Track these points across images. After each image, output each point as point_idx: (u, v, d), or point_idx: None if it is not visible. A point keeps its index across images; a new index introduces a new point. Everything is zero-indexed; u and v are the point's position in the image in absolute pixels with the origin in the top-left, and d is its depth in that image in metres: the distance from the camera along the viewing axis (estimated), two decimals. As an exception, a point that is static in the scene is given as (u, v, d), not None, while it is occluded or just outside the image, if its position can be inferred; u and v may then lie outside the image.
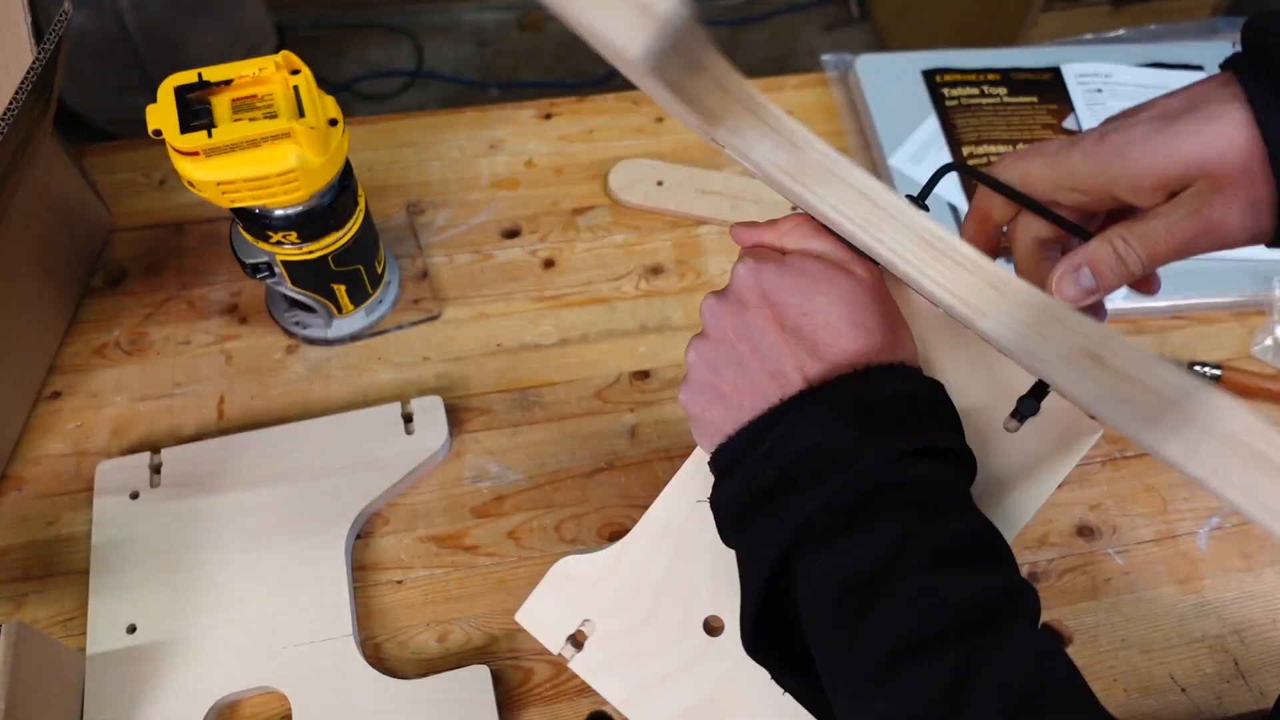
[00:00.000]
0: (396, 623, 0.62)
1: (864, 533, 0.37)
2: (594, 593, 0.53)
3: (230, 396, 0.70)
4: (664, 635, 0.51)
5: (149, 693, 0.57)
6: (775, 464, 0.40)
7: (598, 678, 0.53)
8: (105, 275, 0.76)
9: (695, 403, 0.44)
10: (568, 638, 0.53)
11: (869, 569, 0.37)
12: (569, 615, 0.53)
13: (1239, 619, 0.64)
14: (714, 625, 0.51)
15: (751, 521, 0.41)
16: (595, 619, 0.53)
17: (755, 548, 0.41)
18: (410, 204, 0.81)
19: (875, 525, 0.37)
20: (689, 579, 0.51)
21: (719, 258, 0.79)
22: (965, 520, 0.39)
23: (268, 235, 0.62)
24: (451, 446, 0.68)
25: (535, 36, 2.04)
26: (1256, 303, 0.77)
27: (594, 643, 0.53)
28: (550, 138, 0.86)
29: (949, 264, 0.36)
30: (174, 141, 0.56)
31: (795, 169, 0.37)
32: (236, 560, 0.61)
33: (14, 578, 0.62)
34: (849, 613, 0.37)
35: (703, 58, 0.33)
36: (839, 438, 0.39)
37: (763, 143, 0.37)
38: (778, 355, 0.41)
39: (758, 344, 0.41)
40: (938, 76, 0.88)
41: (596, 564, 0.53)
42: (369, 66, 1.98)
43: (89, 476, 0.65)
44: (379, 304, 0.74)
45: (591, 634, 0.53)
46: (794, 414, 0.40)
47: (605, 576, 0.53)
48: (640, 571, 0.52)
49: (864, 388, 0.40)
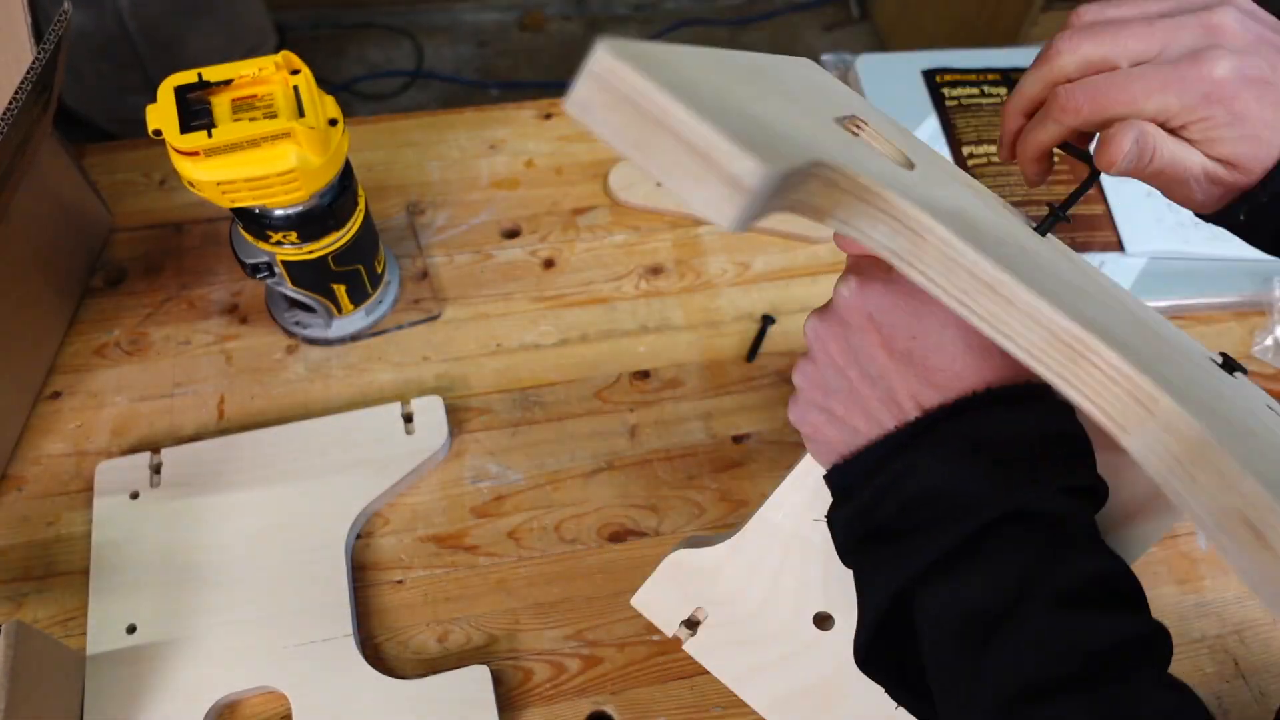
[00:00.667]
0: (396, 623, 0.62)
1: (987, 567, 0.36)
2: (706, 584, 0.53)
3: (230, 396, 0.70)
4: (773, 628, 0.52)
5: (149, 693, 0.57)
6: (894, 500, 0.38)
7: (710, 659, 0.54)
8: (105, 275, 0.76)
9: (806, 422, 0.43)
10: (682, 621, 0.54)
11: (991, 605, 0.35)
12: (682, 602, 0.54)
13: (1239, 619, 0.64)
14: (824, 620, 0.51)
15: (869, 554, 0.40)
16: (707, 607, 0.54)
17: (871, 581, 0.40)
18: (410, 204, 0.81)
19: (998, 560, 0.36)
20: (799, 578, 0.51)
21: (719, 258, 0.79)
22: (1095, 559, 0.37)
23: (268, 235, 0.62)
24: (451, 446, 0.68)
25: (535, 36, 2.04)
26: (1256, 303, 0.77)
27: (706, 627, 0.54)
28: (550, 138, 0.86)
29: (1089, 369, 0.32)
30: (174, 141, 0.56)
31: (913, 255, 0.34)
32: (236, 560, 0.61)
33: (14, 578, 0.62)
34: (970, 647, 0.35)
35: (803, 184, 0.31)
36: (962, 481, 0.37)
37: (877, 229, 0.34)
38: (888, 382, 0.39)
39: (866, 369, 0.39)
40: (938, 76, 0.88)
41: (709, 558, 0.53)
42: (369, 66, 1.98)
43: (89, 476, 0.65)
44: (379, 304, 0.74)
45: (704, 620, 0.54)
46: (912, 449, 0.38)
47: (717, 570, 0.53)
48: (751, 569, 0.52)
49: (987, 423, 0.37)
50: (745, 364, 0.74)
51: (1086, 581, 0.35)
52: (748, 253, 0.80)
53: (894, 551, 0.38)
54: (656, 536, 0.66)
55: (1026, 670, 0.34)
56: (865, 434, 0.40)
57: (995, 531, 0.36)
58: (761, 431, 0.70)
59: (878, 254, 0.34)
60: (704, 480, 0.68)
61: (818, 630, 0.51)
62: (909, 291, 0.38)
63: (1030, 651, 0.34)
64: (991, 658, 0.35)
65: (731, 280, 0.78)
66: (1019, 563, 0.35)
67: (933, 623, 0.37)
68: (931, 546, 0.37)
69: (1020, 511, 0.36)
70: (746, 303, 0.77)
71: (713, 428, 0.70)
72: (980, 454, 0.37)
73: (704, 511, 0.67)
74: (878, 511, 0.39)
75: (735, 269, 0.79)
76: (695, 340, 0.75)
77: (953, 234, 0.33)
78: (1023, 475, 0.36)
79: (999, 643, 0.35)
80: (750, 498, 0.67)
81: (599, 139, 0.30)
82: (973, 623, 0.35)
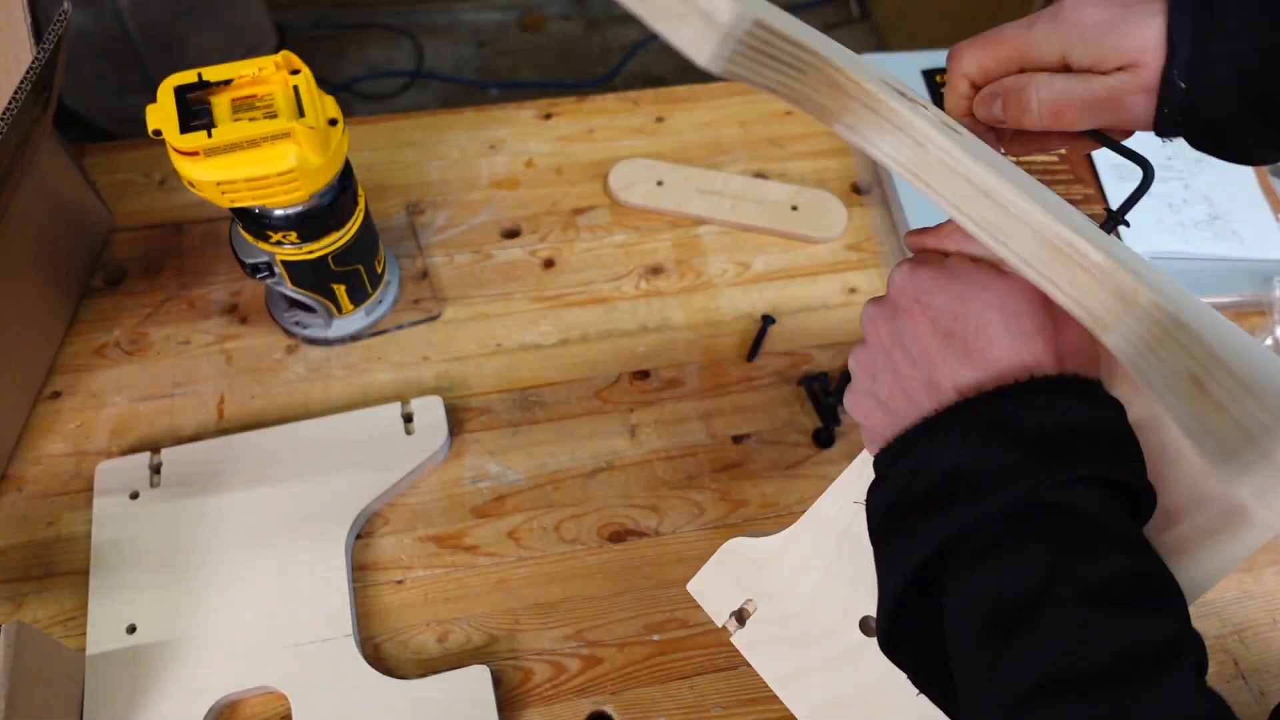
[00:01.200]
0: (396, 623, 0.62)
1: (1014, 557, 0.36)
2: (759, 575, 0.53)
3: (230, 396, 0.70)
4: (820, 627, 0.51)
5: (149, 693, 0.57)
6: (925, 478, 0.38)
7: (755, 655, 0.53)
8: (105, 275, 0.76)
9: (858, 409, 0.43)
10: (732, 613, 0.54)
11: (1016, 595, 0.35)
12: (735, 592, 0.54)
13: (1239, 619, 0.64)
14: (870, 626, 0.50)
15: (893, 531, 0.40)
16: (757, 600, 0.54)
17: (891, 559, 0.40)
18: (410, 204, 0.81)
19: (1026, 550, 0.36)
20: (850, 577, 0.51)
21: (719, 257, 0.79)
22: (1128, 558, 0.36)
23: (268, 235, 0.62)
24: (451, 446, 0.68)
25: (535, 36, 2.04)
26: (1256, 302, 0.77)
27: (754, 621, 0.53)
28: (550, 138, 0.86)
29: (1078, 272, 0.34)
30: (174, 141, 0.56)
31: (917, 166, 0.36)
32: (236, 560, 0.61)
33: (14, 578, 0.62)
34: (992, 637, 0.35)
35: (801, 58, 0.33)
36: (994, 459, 0.37)
37: (884, 139, 0.36)
38: (930, 362, 0.39)
39: (911, 350, 0.40)
40: (938, 76, 0.88)
41: (764, 548, 0.53)
42: (369, 66, 1.98)
43: (89, 476, 0.65)
44: (379, 304, 0.74)
45: (753, 613, 0.54)
46: (946, 429, 0.38)
47: (771, 561, 0.53)
48: (804, 562, 0.52)
49: (1025, 407, 0.37)
50: (745, 364, 0.74)
51: (1117, 578, 0.35)
52: (748, 253, 0.80)
53: (919, 524, 0.38)
54: (656, 536, 0.66)
55: (1048, 664, 0.33)
56: (905, 418, 0.40)
57: (1025, 522, 0.36)
58: (761, 431, 0.70)
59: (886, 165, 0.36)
60: (704, 480, 0.68)
61: (863, 636, 0.50)
62: (956, 276, 0.39)
63: (1052, 646, 0.34)
64: (1012, 650, 0.34)
65: (731, 280, 0.78)
66: (1047, 554, 0.35)
67: (957, 611, 0.37)
68: (958, 518, 0.37)
69: (1053, 505, 0.36)
70: (746, 303, 0.77)
71: (713, 428, 0.70)
72: (1015, 435, 0.37)
73: (704, 511, 0.67)
74: (909, 490, 0.39)
75: (735, 269, 0.79)
76: (695, 340, 0.75)
77: (952, 144, 0.35)
78: (1058, 459, 0.36)
79: (1021, 635, 0.34)
80: (750, 498, 0.67)
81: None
82: (996, 613, 0.35)
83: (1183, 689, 0.32)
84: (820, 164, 0.85)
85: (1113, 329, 0.34)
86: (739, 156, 0.85)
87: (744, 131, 0.87)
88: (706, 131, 0.87)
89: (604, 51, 1.99)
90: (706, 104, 0.88)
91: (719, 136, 0.86)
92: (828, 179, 0.84)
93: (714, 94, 0.89)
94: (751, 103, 0.89)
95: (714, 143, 0.86)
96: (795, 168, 0.85)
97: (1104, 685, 0.32)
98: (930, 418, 0.39)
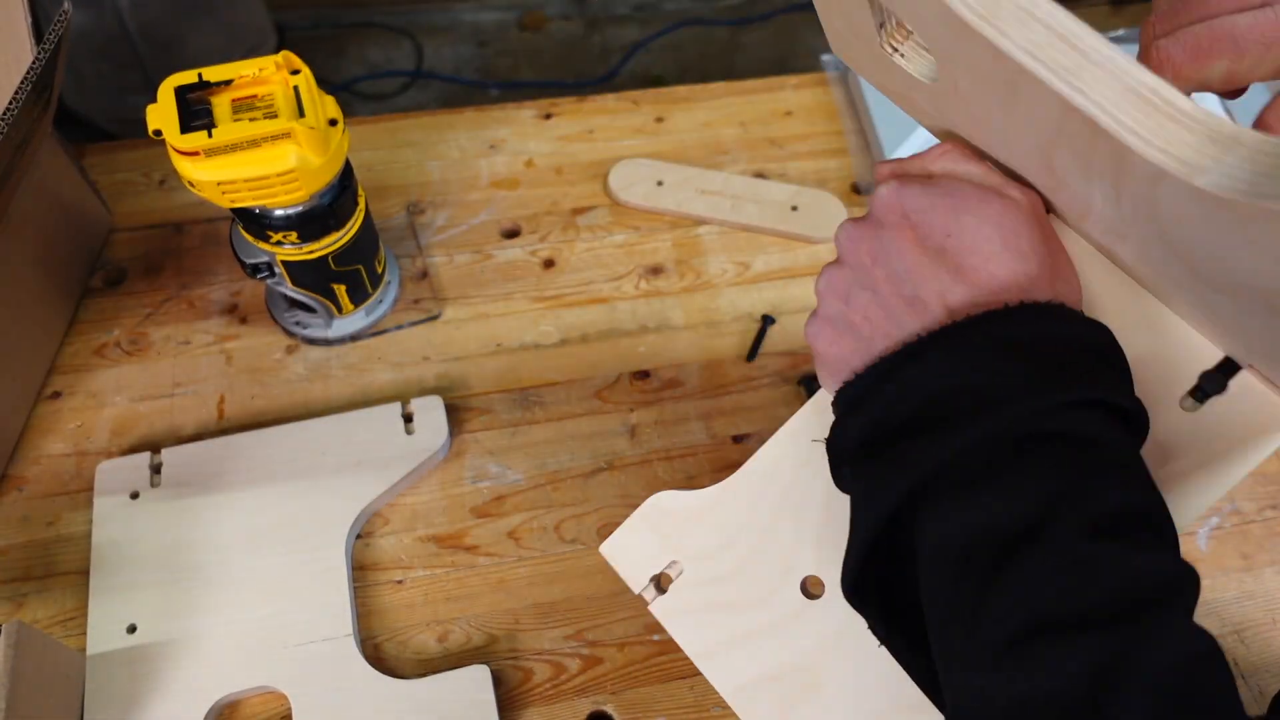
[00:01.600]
0: (396, 623, 0.62)
1: (1008, 487, 0.33)
2: (687, 533, 0.49)
3: (230, 396, 0.70)
4: (755, 591, 0.47)
5: (149, 693, 0.57)
6: (910, 402, 0.35)
7: (676, 626, 0.49)
8: (105, 275, 0.76)
9: (823, 335, 0.40)
10: (651, 578, 0.49)
11: (1009, 529, 0.32)
12: (658, 554, 0.49)
13: (1239, 619, 0.64)
14: (812, 588, 0.47)
15: (873, 461, 0.37)
16: (684, 562, 0.49)
17: (873, 490, 0.37)
18: (410, 204, 0.81)
19: (1022, 479, 0.33)
20: (793, 533, 0.47)
21: (719, 257, 0.79)
22: (1131, 488, 0.34)
23: (268, 235, 0.62)
24: (451, 446, 0.68)
25: (535, 36, 2.04)
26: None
27: (678, 587, 0.49)
28: (550, 138, 0.86)
29: (1163, 119, 0.31)
30: (174, 141, 0.56)
31: (988, 8, 0.33)
32: (236, 560, 0.61)
33: (14, 578, 0.62)
34: (978, 576, 0.33)
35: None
36: (986, 378, 0.34)
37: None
38: (916, 279, 0.37)
39: (895, 267, 0.37)
40: None
41: (693, 501, 0.49)
42: (369, 66, 1.98)
43: (89, 476, 0.65)
44: (379, 304, 0.74)
45: (677, 577, 0.49)
46: (934, 349, 0.36)
47: (701, 516, 0.49)
48: (740, 517, 0.48)
49: (1017, 325, 0.35)
50: (745, 364, 0.74)
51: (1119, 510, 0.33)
52: (748, 253, 0.80)
53: (903, 452, 0.35)
54: (656, 536, 0.66)
55: (1044, 601, 0.31)
56: (881, 342, 0.38)
57: (1024, 447, 0.33)
58: (761, 431, 0.70)
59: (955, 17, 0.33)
60: (704, 480, 0.68)
61: (804, 599, 0.46)
62: (950, 192, 0.37)
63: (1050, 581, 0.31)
64: (1004, 586, 0.32)
65: (731, 280, 0.78)
66: (1045, 485, 0.33)
67: (936, 549, 0.35)
68: (950, 443, 0.34)
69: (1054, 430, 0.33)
70: (746, 303, 0.77)
71: (713, 428, 0.70)
72: (1012, 355, 0.34)
73: (704, 511, 0.67)
74: (890, 417, 0.36)
75: (735, 269, 0.79)
76: (695, 340, 0.75)
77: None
78: (1059, 380, 0.34)
79: (1013, 569, 0.32)
80: (750, 498, 0.67)
81: None
82: (984, 547, 0.33)
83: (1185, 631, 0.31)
84: (820, 164, 0.85)
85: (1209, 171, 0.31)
86: (739, 156, 0.85)
87: (744, 131, 0.87)
88: (706, 131, 0.87)
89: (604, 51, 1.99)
90: (706, 104, 0.88)
91: (719, 136, 0.86)
92: (828, 179, 0.84)
93: (714, 94, 0.89)
94: (751, 103, 0.89)
95: (714, 143, 0.86)
96: (795, 168, 0.85)
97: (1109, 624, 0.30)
98: (913, 342, 0.37)
